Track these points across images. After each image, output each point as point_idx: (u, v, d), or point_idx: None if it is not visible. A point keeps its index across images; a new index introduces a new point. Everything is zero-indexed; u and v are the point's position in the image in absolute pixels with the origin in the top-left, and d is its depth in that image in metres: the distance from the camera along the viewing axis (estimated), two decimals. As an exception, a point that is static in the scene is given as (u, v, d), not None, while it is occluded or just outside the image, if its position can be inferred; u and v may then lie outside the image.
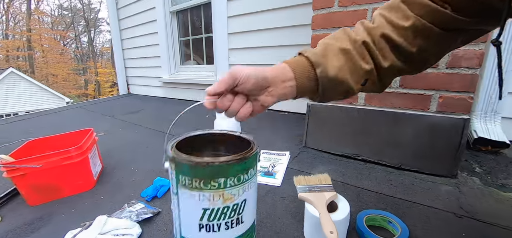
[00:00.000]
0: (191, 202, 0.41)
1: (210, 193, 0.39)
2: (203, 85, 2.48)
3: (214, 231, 0.41)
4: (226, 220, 0.41)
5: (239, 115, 0.44)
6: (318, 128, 1.21)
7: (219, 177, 0.39)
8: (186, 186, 0.40)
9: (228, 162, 0.39)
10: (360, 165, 1.09)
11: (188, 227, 0.43)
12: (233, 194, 0.40)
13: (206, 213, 0.40)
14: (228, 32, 2.14)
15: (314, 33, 1.12)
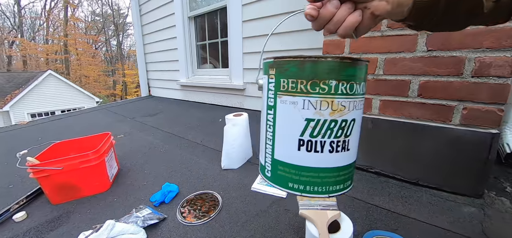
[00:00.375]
0: (292, 111, 0.35)
1: (318, 98, 0.33)
2: (218, 89, 2.51)
3: (316, 151, 0.35)
4: (332, 139, 0.35)
5: (345, 25, 0.33)
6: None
7: (330, 78, 0.33)
8: (288, 91, 0.35)
9: (343, 59, 0.33)
10: (372, 178, 1.03)
11: (284, 146, 0.37)
12: (343, 105, 0.34)
13: (309, 126, 0.34)
14: (242, 37, 2.15)
15: (326, 39, 1.08)
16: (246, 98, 2.28)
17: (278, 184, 0.39)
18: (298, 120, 0.35)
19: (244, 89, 2.25)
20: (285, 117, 0.36)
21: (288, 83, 0.35)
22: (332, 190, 0.37)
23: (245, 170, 1.20)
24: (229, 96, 2.44)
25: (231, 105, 2.44)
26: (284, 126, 0.37)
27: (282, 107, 0.36)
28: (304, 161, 0.36)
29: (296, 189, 0.37)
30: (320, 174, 0.36)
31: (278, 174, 0.38)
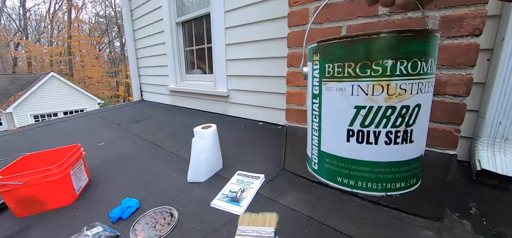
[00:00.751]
0: (340, 99, 0.31)
1: (369, 82, 0.29)
2: (204, 95, 2.50)
3: (369, 142, 0.30)
4: (389, 129, 0.30)
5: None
6: (296, 150, 1.14)
7: (385, 57, 0.28)
8: (334, 76, 0.31)
9: (401, 33, 0.27)
10: (335, 196, 1.00)
11: (331, 138, 0.33)
12: (403, 88, 0.29)
13: (359, 114, 0.30)
14: (225, 43, 2.13)
15: (290, 51, 1.06)
16: (230, 106, 2.26)
17: (326, 177, 0.36)
18: (346, 108, 0.31)
19: (228, 96, 2.24)
20: (332, 106, 0.33)
21: (334, 68, 0.31)
22: (390, 188, 0.32)
23: (211, 184, 1.18)
24: (214, 103, 2.43)
25: (216, 111, 2.42)
26: (331, 115, 0.33)
27: (328, 95, 0.33)
28: (354, 154, 0.32)
29: (346, 184, 0.33)
30: (374, 169, 0.31)
31: (325, 167, 0.35)
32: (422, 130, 0.31)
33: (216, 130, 1.27)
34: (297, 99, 1.07)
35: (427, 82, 0.30)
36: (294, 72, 1.06)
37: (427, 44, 0.29)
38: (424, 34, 0.28)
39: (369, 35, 0.28)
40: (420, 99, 0.30)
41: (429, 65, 0.29)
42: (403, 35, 0.27)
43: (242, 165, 1.33)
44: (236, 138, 1.74)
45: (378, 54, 0.28)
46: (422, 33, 0.28)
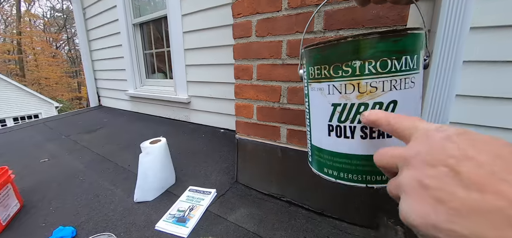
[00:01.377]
0: (320, 98, 0.35)
1: (341, 82, 0.32)
2: (165, 101, 2.38)
3: (346, 136, 0.33)
4: (363, 125, 0.31)
5: None
6: (248, 164, 1.12)
7: (353, 59, 0.30)
8: (315, 78, 0.35)
9: (367, 36, 0.29)
10: (284, 208, 1.00)
11: (317, 132, 0.37)
12: (374, 86, 0.30)
13: (336, 111, 0.33)
14: (184, 48, 2.04)
15: (236, 63, 1.03)
16: (192, 112, 2.19)
17: (316, 168, 0.39)
18: (326, 105, 0.34)
19: (189, 102, 2.16)
20: (316, 104, 0.36)
21: (315, 71, 0.35)
22: (370, 180, 0.33)
23: (160, 202, 1.11)
24: (175, 109, 2.33)
25: (178, 118, 2.33)
26: (315, 114, 0.37)
27: (313, 94, 0.37)
28: (335, 146, 0.34)
29: (331, 174, 0.36)
30: (353, 161, 0.33)
31: (315, 159, 0.39)
32: None
33: (165, 144, 1.20)
34: (245, 111, 1.05)
35: (403, 79, 0.31)
36: (241, 84, 1.03)
37: (401, 44, 0.30)
38: (395, 36, 0.30)
39: (338, 40, 0.31)
40: (395, 96, 0.31)
41: (402, 63, 0.30)
42: (369, 39, 0.30)
43: (196, 179, 1.28)
44: (195, 147, 1.68)
45: (346, 56, 0.31)
46: (392, 35, 0.30)
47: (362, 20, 0.71)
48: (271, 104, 0.97)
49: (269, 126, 1.00)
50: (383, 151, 0.23)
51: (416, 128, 0.20)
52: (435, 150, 0.17)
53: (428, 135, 0.19)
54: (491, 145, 0.15)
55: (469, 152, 0.15)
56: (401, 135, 0.22)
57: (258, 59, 0.95)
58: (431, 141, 0.18)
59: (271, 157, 1.02)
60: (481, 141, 0.16)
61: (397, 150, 0.21)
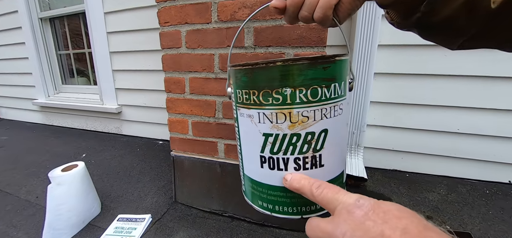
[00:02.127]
0: (250, 126, 0.32)
1: (272, 110, 0.29)
2: (89, 112, 2.04)
3: (280, 169, 0.31)
4: (296, 156, 0.30)
5: (322, 5, 0.28)
6: (186, 182, 1.05)
7: (283, 86, 0.28)
8: (243, 103, 0.32)
9: (297, 62, 0.28)
10: (226, 224, 0.97)
11: (249, 163, 0.34)
12: (305, 115, 0.29)
13: (268, 141, 0.31)
14: (110, 51, 1.78)
15: (166, 75, 0.94)
16: (124, 123, 1.94)
17: (250, 200, 0.36)
18: (256, 134, 0.31)
19: (119, 112, 1.90)
20: (246, 131, 0.33)
21: (243, 95, 0.31)
22: (305, 210, 0.32)
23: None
24: (103, 121, 2.02)
25: (108, 131, 2.03)
26: (247, 141, 0.34)
27: (242, 121, 0.33)
28: (269, 179, 0.32)
29: (266, 207, 0.34)
30: (288, 194, 0.31)
31: (249, 190, 0.36)
32: (332, 153, 0.32)
33: (83, 170, 1.02)
34: (180, 127, 0.98)
35: (332, 107, 0.30)
36: (173, 98, 0.95)
37: (330, 71, 0.29)
38: (324, 63, 0.28)
39: (267, 63, 0.28)
40: (326, 125, 0.30)
41: (332, 90, 0.30)
42: (297, 64, 0.28)
43: (127, 204, 1.13)
44: (128, 164, 1.49)
45: (276, 83, 0.28)
46: (322, 62, 0.28)
47: (288, 39, 0.73)
48: (207, 119, 0.92)
49: (206, 141, 0.95)
50: (313, 223, 0.23)
51: (338, 201, 0.22)
52: (358, 231, 0.18)
53: (349, 211, 0.20)
54: (400, 219, 0.17)
55: (385, 231, 0.17)
56: (325, 206, 0.23)
57: (190, 72, 0.90)
58: (353, 219, 0.19)
59: (210, 173, 0.98)
60: (393, 216, 0.18)
61: (326, 225, 0.21)
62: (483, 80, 1.10)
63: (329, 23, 0.31)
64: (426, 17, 0.28)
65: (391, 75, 1.21)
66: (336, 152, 0.33)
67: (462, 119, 1.17)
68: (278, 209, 0.33)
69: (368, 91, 1.16)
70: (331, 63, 0.29)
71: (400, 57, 1.17)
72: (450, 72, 1.13)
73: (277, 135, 0.30)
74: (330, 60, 0.29)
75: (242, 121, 0.33)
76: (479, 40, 0.29)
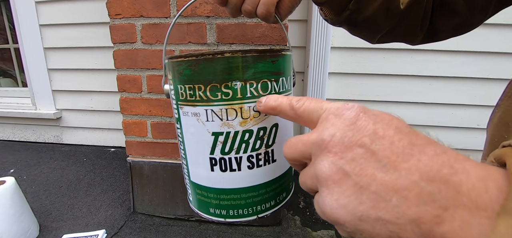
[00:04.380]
0: (196, 126, 0.28)
1: (222, 106, 0.26)
2: (17, 119, 1.71)
3: (233, 169, 0.28)
4: (249, 154, 0.28)
5: (264, 2, 0.28)
6: (147, 189, 0.96)
7: (233, 79, 0.26)
8: (187, 99, 0.28)
9: (247, 54, 0.25)
10: (193, 229, 0.93)
11: (196, 167, 0.30)
12: (256, 110, 0.27)
13: (218, 141, 0.27)
14: (44, 47, 1.53)
15: (119, 73, 0.85)
16: (66, 131, 1.69)
17: (201, 210, 0.32)
18: (205, 135, 0.28)
19: (59, 118, 1.65)
20: (192, 132, 0.29)
21: (186, 91, 0.27)
22: (261, 209, 0.30)
23: (9, 273, 0.78)
24: (37, 129, 1.72)
25: (43, 141, 1.74)
26: (192, 143, 0.29)
27: (186, 120, 0.29)
28: (221, 183, 0.29)
29: (218, 214, 0.30)
30: (243, 195, 0.29)
31: (198, 199, 0.32)
32: (281, 148, 0.31)
33: (13, 186, 0.85)
34: (137, 129, 0.90)
35: None
36: (127, 98, 0.87)
37: (278, 65, 0.29)
38: (273, 56, 0.28)
39: (214, 54, 0.26)
40: (276, 119, 0.29)
41: (281, 83, 0.29)
42: (249, 56, 0.26)
43: (74, 221, 0.98)
44: (72, 177, 1.30)
45: (225, 76, 0.26)
46: (270, 54, 0.27)
47: (251, 37, 0.74)
48: (169, 120, 0.87)
49: (168, 143, 0.90)
50: (293, 140, 0.20)
51: (322, 108, 0.19)
52: (349, 130, 0.16)
53: (338, 114, 0.17)
54: (392, 120, 0.16)
55: (378, 129, 0.15)
56: (307, 119, 0.20)
57: (148, 69, 0.83)
58: (343, 120, 0.16)
59: (174, 176, 0.93)
60: (384, 117, 0.16)
61: (309, 136, 0.18)
62: (416, 79, 1.30)
63: (271, 19, 0.32)
64: (354, 15, 0.33)
65: (342, 75, 1.33)
66: None
67: (401, 112, 1.35)
68: (233, 213, 0.31)
69: (324, 89, 1.26)
70: (279, 57, 0.30)
71: (349, 58, 1.30)
72: (389, 72, 1.30)
73: (228, 133, 0.28)
74: (278, 54, 0.29)
75: (186, 121, 0.30)
76: (391, 36, 0.36)
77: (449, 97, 1.31)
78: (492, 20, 1.15)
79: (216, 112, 0.27)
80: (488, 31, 1.20)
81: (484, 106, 1.30)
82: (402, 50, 1.26)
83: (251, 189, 0.30)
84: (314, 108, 0.19)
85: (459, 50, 1.24)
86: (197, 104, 0.28)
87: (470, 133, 1.35)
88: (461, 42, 1.23)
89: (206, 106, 0.27)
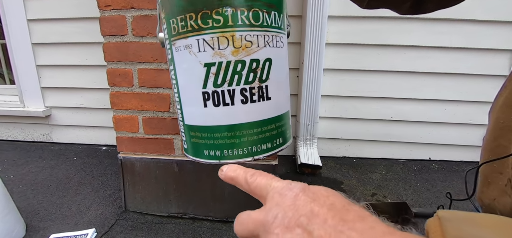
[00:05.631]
0: (189, 60, 0.27)
1: (213, 34, 0.26)
2: (4, 117, 1.66)
3: (226, 103, 0.27)
4: (243, 86, 0.27)
5: None
6: (139, 186, 0.94)
7: (224, 5, 0.25)
8: (179, 32, 0.27)
9: None
10: (187, 227, 0.91)
11: (190, 106, 0.29)
12: (248, 39, 0.26)
13: (210, 72, 0.27)
14: (32, 42, 1.49)
15: (109, 67, 0.83)
16: (55, 129, 1.64)
17: (195, 155, 0.31)
18: (197, 67, 0.27)
19: (48, 116, 1.60)
20: (184, 68, 0.28)
21: (178, 23, 0.27)
22: (257, 150, 0.29)
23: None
24: (26, 127, 1.67)
25: (32, 139, 1.69)
26: (185, 80, 0.29)
27: (178, 56, 0.28)
28: (214, 120, 0.28)
29: (213, 156, 0.29)
30: (237, 133, 0.28)
31: (192, 142, 0.31)
32: (277, 86, 0.31)
33: (-2, 185, 0.81)
34: (129, 125, 0.87)
35: (274, 37, 0.30)
36: (119, 93, 0.85)
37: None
38: None
39: None
40: (269, 54, 0.29)
41: (273, 18, 0.29)
42: None
43: (62, 221, 0.95)
44: (62, 176, 1.27)
45: (216, 1, 0.26)
46: None
47: None
48: (160, 115, 0.85)
49: (160, 139, 0.87)
50: (244, 216, 0.21)
51: (271, 186, 0.21)
52: (289, 211, 0.17)
53: (282, 193, 0.19)
54: (328, 197, 0.18)
55: (314, 208, 0.17)
56: (258, 195, 0.22)
57: (139, 62, 0.81)
58: (285, 201, 0.18)
59: (166, 173, 0.90)
60: (321, 195, 0.18)
61: (258, 214, 0.20)
62: (409, 75, 1.31)
63: None
64: None
65: (337, 71, 1.33)
66: (281, 87, 0.32)
67: (394, 108, 1.36)
68: (227, 154, 0.30)
69: (319, 85, 1.25)
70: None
71: (343, 54, 1.30)
72: (383, 68, 1.30)
73: (220, 63, 0.28)
74: None
75: (179, 57, 0.30)
76: (380, 0, 0.37)
77: (442, 93, 1.33)
78: (483, 18, 1.17)
79: (207, 41, 0.27)
80: (480, 28, 1.22)
81: (476, 102, 1.32)
82: (396, 47, 1.27)
83: (246, 126, 0.29)
84: (264, 185, 0.21)
85: (452, 46, 1.25)
86: (189, 35, 0.27)
87: (463, 129, 1.36)
88: (454, 39, 1.24)
89: (198, 35, 0.27)
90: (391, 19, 1.23)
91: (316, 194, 0.18)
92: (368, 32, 1.25)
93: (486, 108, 0.32)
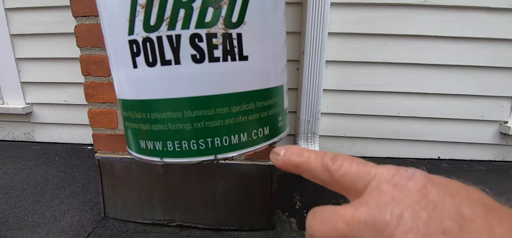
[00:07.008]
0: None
1: None
2: (-18, 115, 1.54)
3: (167, 61, 0.16)
4: (194, 31, 0.16)
5: None
6: (119, 189, 0.83)
7: None
8: None
9: None
10: (173, 236, 0.81)
11: (117, 68, 0.19)
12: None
13: (137, 4, 0.16)
14: (11, 33, 1.37)
15: (82, 53, 0.72)
16: (37, 127, 1.53)
17: (131, 148, 0.21)
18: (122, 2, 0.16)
19: (29, 113, 1.49)
20: (108, 9, 0.18)
21: None
22: (223, 145, 0.17)
23: None
24: (5, 126, 1.56)
25: (12, 139, 1.57)
26: (109, 28, 0.18)
27: None
28: (150, 90, 0.17)
29: (152, 150, 0.18)
30: (186, 113, 0.17)
31: (127, 129, 0.21)
32: (261, 40, 0.18)
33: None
34: (106, 120, 0.77)
35: None
36: (94, 83, 0.74)
37: None
38: None
39: None
40: None
41: None
42: None
43: (32, 230, 0.84)
44: (39, 177, 1.15)
45: None
46: None
47: None
48: (143, 109, 0.75)
49: (143, 136, 0.77)
50: (327, 212, 0.14)
51: (370, 174, 0.14)
52: (422, 210, 0.11)
53: (396, 184, 0.13)
54: (469, 191, 0.12)
55: (463, 208, 0.11)
56: (348, 187, 0.15)
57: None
58: (409, 195, 0.12)
59: (150, 176, 0.80)
60: (457, 188, 0.12)
61: (355, 212, 0.13)
62: (417, 68, 1.21)
63: None
64: None
65: (340, 63, 1.23)
66: (268, 43, 0.19)
67: (401, 103, 1.27)
68: (172, 148, 0.18)
69: (321, 78, 1.15)
70: None
71: (347, 45, 1.20)
72: (390, 60, 1.21)
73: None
74: None
75: None
76: None
77: (452, 87, 1.23)
78: (498, 5, 1.06)
79: None
80: (495, 17, 1.13)
81: (489, 96, 1.23)
82: (403, 37, 1.17)
83: (202, 101, 0.17)
84: (358, 173, 0.15)
85: (463, 36, 1.16)
86: None
87: (475, 126, 1.27)
88: (466, 28, 1.15)
89: None
90: (398, 6, 1.13)
91: (452, 187, 0.12)
92: (374, 20, 1.15)
93: (500, 104, 0.25)
